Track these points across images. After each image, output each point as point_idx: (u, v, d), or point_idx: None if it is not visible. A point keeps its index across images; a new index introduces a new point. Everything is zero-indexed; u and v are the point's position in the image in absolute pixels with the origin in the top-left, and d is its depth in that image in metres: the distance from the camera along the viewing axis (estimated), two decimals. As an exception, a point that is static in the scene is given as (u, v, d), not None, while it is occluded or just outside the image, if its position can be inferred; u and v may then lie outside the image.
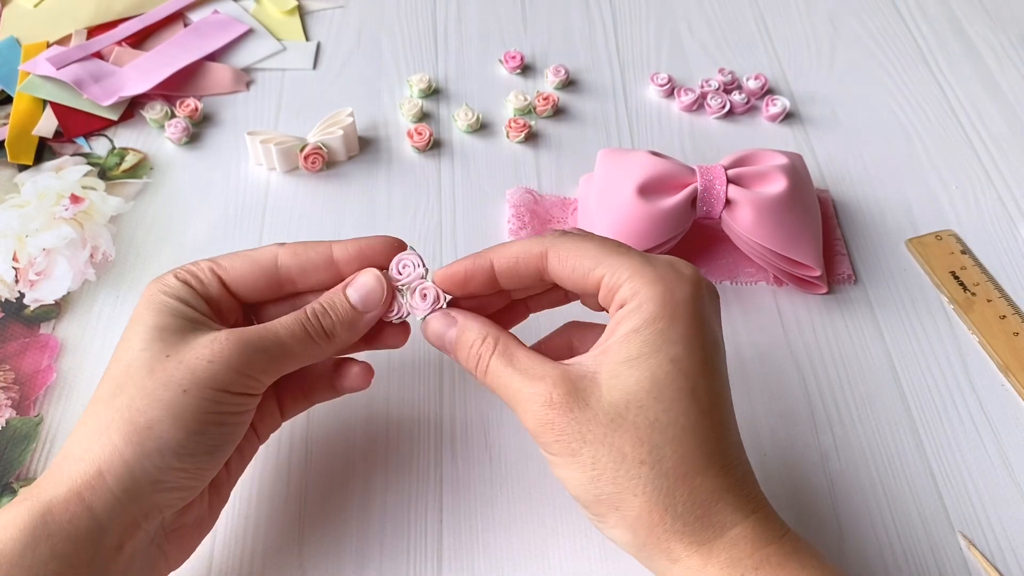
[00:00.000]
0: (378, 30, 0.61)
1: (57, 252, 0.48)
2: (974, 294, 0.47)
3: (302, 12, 0.62)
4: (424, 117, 0.55)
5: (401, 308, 0.34)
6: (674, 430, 0.28)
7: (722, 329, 0.32)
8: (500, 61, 0.59)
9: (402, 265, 0.34)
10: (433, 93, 0.57)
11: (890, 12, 0.64)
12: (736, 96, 0.56)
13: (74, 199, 0.50)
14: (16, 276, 0.46)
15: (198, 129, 0.54)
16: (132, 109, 0.55)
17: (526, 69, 0.59)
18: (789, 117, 0.57)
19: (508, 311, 0.37)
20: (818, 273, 0.45)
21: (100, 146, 0.53)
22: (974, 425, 0.42)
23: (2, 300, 0.45)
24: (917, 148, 0.55)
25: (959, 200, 0.52)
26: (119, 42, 0.57)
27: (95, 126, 0.54)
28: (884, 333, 0.46)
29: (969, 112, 0.57)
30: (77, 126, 0.53)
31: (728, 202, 0.44)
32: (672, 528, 0.28)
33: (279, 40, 0.60)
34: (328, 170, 0.52)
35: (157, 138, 0.54)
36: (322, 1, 0.63)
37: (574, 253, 0.32)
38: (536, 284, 0.34)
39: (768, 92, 0.57)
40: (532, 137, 0.55)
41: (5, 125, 0.53)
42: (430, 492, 0.39)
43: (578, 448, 0.29)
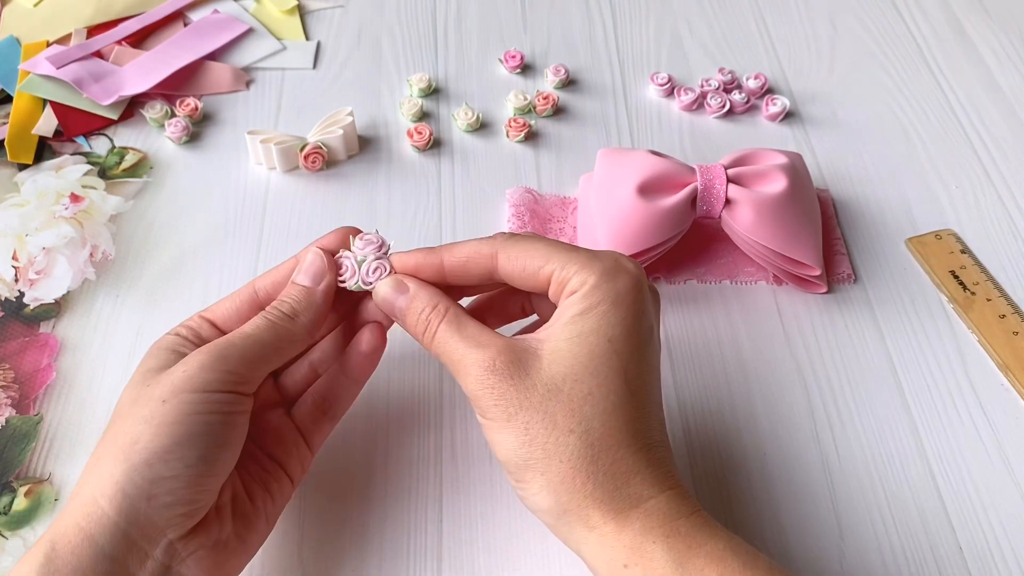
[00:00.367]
0: (378, 30, 0.61)
1: (57, 251, 0.48)
2: (974, 293, 0.47)
3: (302, 12, 0.62)
4: (424, 116, 0.55)
5: (355, 275, 0.35)
6: (604, 404, 0.30)
7: (660, 329, 0.35)
8: (500, 61, 0.59)
9: (366, 240, 0.36)
10: (433, 92, 0.57)
11: (890, 12, 0.64)
12: (736, 96, 0.56)
13: (74, 198, 0.50)
14: (16, 275, 0.46)
15: (198, 128, 0.54)
16: (132, 108, 0.55)
17: (526, 69, 0.59)
18: (789, 117, 0.57)
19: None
20: (818, 272, 0.45)
21: (100, 145, 0.53)
22: (974, 424, 0.42)
23: (2, 299, 0.45)
24: (917, 148, 0.55)
25: (959, 199, 0.52)
26: (119, 41, 0.57)
27: (95, 125, 0.54)
28: (884, 332, 0.46)
29: (969, 112, 0.57)
30: (77, 125, 0.53)
31: (728, 201, 0.44)
32: (592, 495, 0.30)
33: (279, 39, 0.60)
34: (328, 169, 0.52)
35: (157, 137, 0.54)
36: (322, 1, 0.63)
37: (524, 253, 0.33)
38: (485, 283, 0.36)
39: (768, 92, 0.57)
40: (532, 137, 0.55)
41: (5, 124, 0.53)
42: (430, 492, 0.39)
43: (514, 413, 0.30)
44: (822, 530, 0.39)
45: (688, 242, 0.48)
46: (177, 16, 0.60)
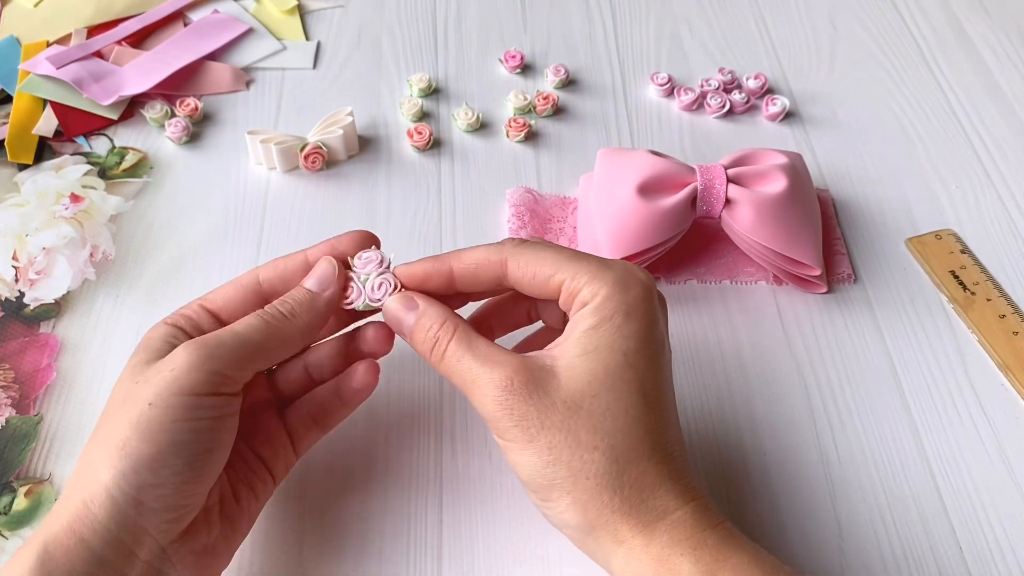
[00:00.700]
0: (378, 30, 0.61)
1: (57, 251, 0.48)
2: (974, 293, 0.47)
3: (302, 11, 0.62)
4: (424, 116, 0.55)
5: (360, 295, 0.35)
6: (624, 419, 0.30)
7: (669, 334, 0.34)
8: (500, 60, 0.59)
9: (365, 259, 0.35)
10: (433, 92, 0.57)
11: (890, 12, 0.64)
12: (736, 95, 0.56)
13: (74, 198, 0.50)
14: (16, 275, 0.46)
15: (198, 128, 0.54)
16: (132, 108, 0.55)
17: (526, 68, 0.59)
18: (789, 117, 0.57)
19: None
20: (818, 272, 0.45)
21: (100, 145, 0.53)
22: (974, 424, 0.42)
23: (2, 299, 0.45)
24: (917, 148, 0.55)
25: (959, 199, 0.52)
26: (119, 41, 0.57)
27: (95, 125, 0.54)
28: (884, 332, 0.46)
29: (969, 112, 0.57)
30: (77, 125, 0.53)
31: (728, 201, 0.44)
32: (620, 510, 0.30)
33: (279, 39, 0.60)
34: (328, 169, 0.52)
35: (157, 137, 0.54)
36: (322, 1, 0.63)
37: (534, 261, 0.33)
38: (494, 290, 0.35)
39: (768, 92, 0.57)
40: (532, 136, 0.55)
41: (5, 124, 0.53)
42: (430, 492, 0.39)
43: (535, 434, 0.30)
44: (822, 530, 0.39)
45: (688, 242, 0.48)
46: (177, 16, 0.60)
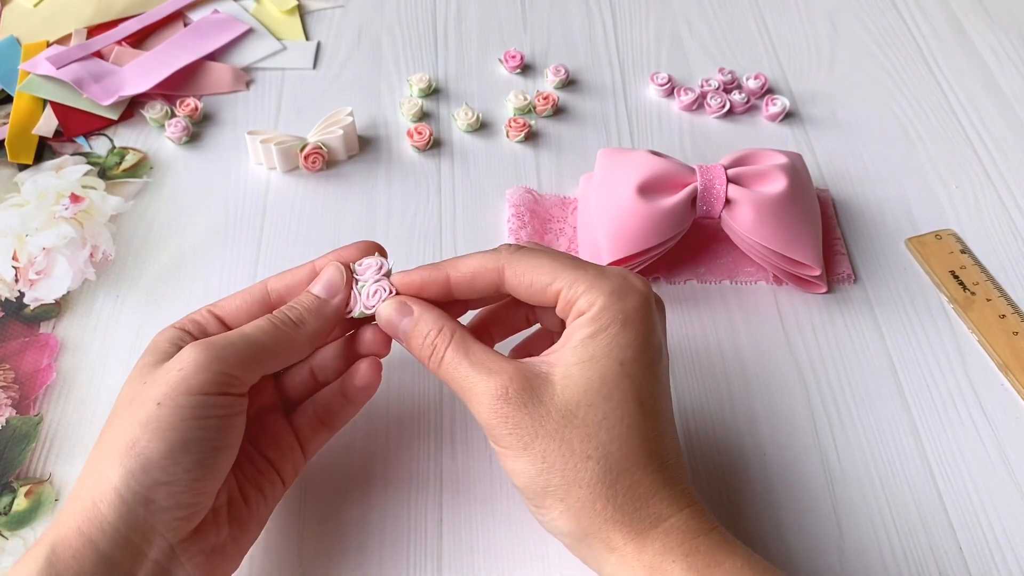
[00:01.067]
0: (378, 30, 0.61)
1: (57, 251, 0.48)
2: (974, 293, 0.47)
3: (302, 12, 0.62)
4: (424, 117, 0.55)
5: (357, 302, 0.35)
6: (619, 428, 0.30)
7: (667, 339, 0.34)
8: (500, 61, 0.59)
9: (365, 266, 0.36)
10: (433, 93, 0.57)
11: (890, 12, 0.64)
12: (736, 96, 0.56)
13: (74, 198, 0.50)
14: (16, 275, 0.46)
15: (198, 128, 0.54)
16: (132, 108, 0.55)
17: (526, 69, 0.59)
18: (789, 117, 0.57)
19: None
20: (818, 272, 0.45)
21: (100, 145, 0.53)
22: (974, 424, 0.42)
23: (2, 299, 0.45)
24: (917, 148, 0.55)
25: (959, 199, 0.52)
26: (119, 41, 0.57)
27: (95, 125, 0.54)
28: (884, 332, 0.46)
29: (969, 112, 0.57)
30: (77, 125, 0.53)
31: (728, 201, 0.44)
32: (613, 518, 0.30)
33: (279, 40, 0.60)
34: (328, 170, 0.52)
35: (157, 138, 0.54)
36: (322, 1, 0.63)
37: (530, 268, 0.33)
38: (492, 297, 0.35)
39: (768, 92, 0.57)
40: (532, 137, 0.55)
41: (5, 124, 0.53)
42: (430, 492, 0.39)
43: (530, 442, 0.30)
44: (822, 530, 0.39)
45: (688, 242, 0.48)
46: (177, 16, 0.60)
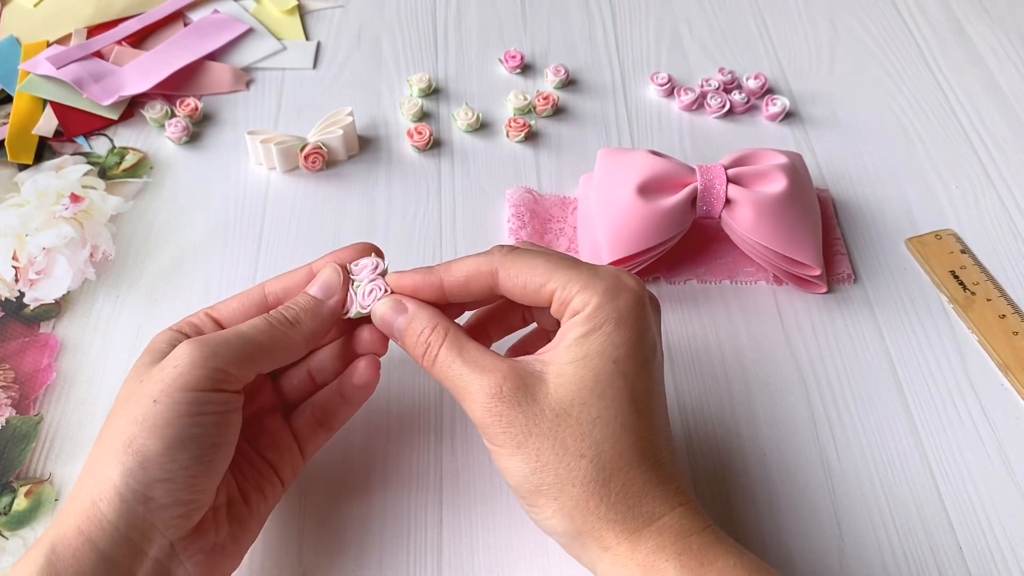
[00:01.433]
0: (378, 30, 0.61)
1: (57, 251, 0.48)
2: (974, 293, 0.47)
3: (302, 12, 0.62)
4: (424, 116, 0.55)
5: (353, 302, 0.35)
6: (613, 427, 0.30)
7: (662, 337, 0.34)
8: (500, 61, 0.59)
9: (361, 266, 0.36)
10: (433, 92, 0.57)
11: (890, 12, 0.64)
12: (736, 96, 0.56)
13: (74, 198, 0.50)
14: (16, 275, 0.46)
15: (198, 128, 0.54)
16: (132, 108, 0.55)
17: (526, 69, 0.59)
18: (789, 117, 0.57)
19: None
20: (818, 272, 0.45)
21: (100, 145, 0.53)
22: (974, 424, 0.42)
23: (2, 299, 0.45)
24: (917, 148, 0.55)
25: (959, 199, 0.52)
26: (119, 41, 0.57)
27: (95, 125, 0.54)
28: (884, 332, 0.46)
29: (969, 112, 0.57)
30: (77, 125, 0.53)
31: (728, 201, 0.44)
32: (606, 517, 0.30)
33: (279, 39, 0.60)
34: (328, 170, 0.52)
35: (157, 137, 0.54)
36: (322, 1, 0.63)
37: (524, 269, 0.33)
38: (487, 299, 0.35)
39: (768, 92, 0.57)
40: (532, 137, 0.55)
41: (5, 124, 0.53)
42: (430, 490, 0.39)
43: (524, 440, 0.30)
44: (822, 530, 0.39)
45: (688, 242, 0.48)
46: (177, 16, 0.60)
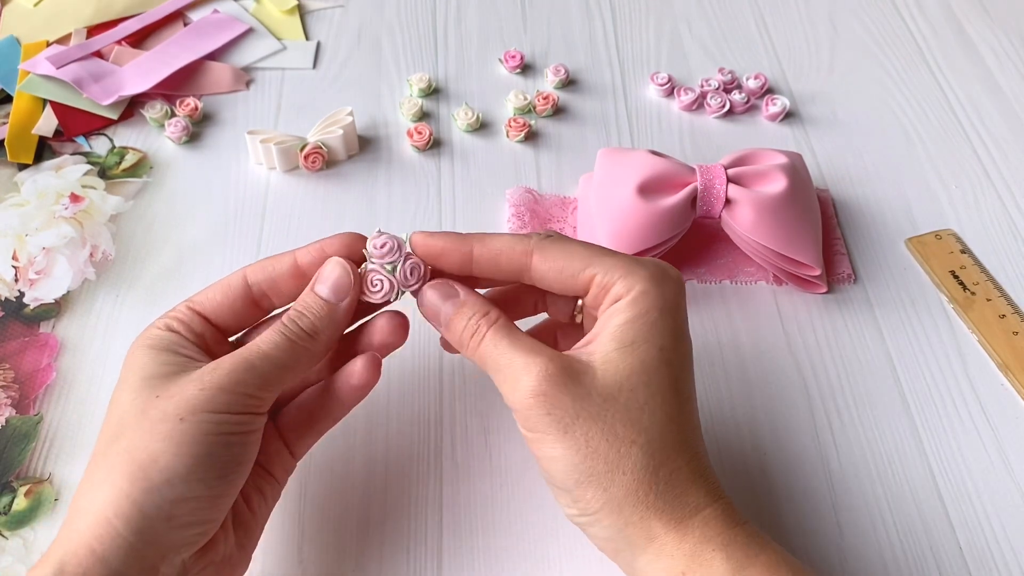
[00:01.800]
0: (378, 30, 0.61)
1: (57, 251, 0.48)
2: (974, 293, 0.47)
3: (302, 11, 0.62)
4: (424, 116, 0.55)
5: (393, 287, 0.33)
6: (660, 415, 0.30)
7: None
8: (500, 60, 0.59)
9: (380, 246, 0.33)
10: (433, 92, 0.57)
11: (890, 12, 0.64)
12: (736, 95, 0.56)
13: (74, 198, 0.50)
14: (16, 275, 0.46)
15: (198, 128, 0.54)
16: (132, 108, 0.55)
17: (526, 68, 0.59)
18: (789, 117, 0.57)
19: None
20: (818, 272, 0.45)
21: (100, 145, 0.53)
22: (974, 424, 0.42)
23: (2, 299, 0.45)
24: (917, 148, 0.55)
25: (959, 199, 0.52)
26: (119, 41, 0.57)
27: (95, 125, 0.54)
28: (884, 332, 0.46)
29: (969, 112, 0.57)
30: (77, 125, 0.53)
31: (728, 201, 0.44)
32: (654, 506, 0.30)
33: (279, 39, 0.60)
34: (328, 169, 0.52)
35: (157, 137, 0.54)
36: (322, 1, 0.63)
37: (562, 255, 0.32)
38: (508, 280, 0.35)
39: (768, 92, 0.57)
40: (532, 136, 0.55)
41: (5, 124, 0.53)
42: (430, 492, 0.39)
43: (570, 423, 0.30)
44: (822, 530, 0.39)
45: (688, 242, 0.48)
46: (177, 16, 0.60)
